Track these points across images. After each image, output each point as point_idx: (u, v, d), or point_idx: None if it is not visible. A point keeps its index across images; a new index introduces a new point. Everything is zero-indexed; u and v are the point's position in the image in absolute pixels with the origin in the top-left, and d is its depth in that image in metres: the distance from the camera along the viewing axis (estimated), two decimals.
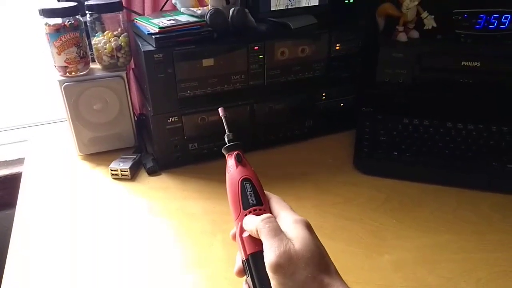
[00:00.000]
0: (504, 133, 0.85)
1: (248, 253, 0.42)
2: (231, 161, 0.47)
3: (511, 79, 0.88)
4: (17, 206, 0.78)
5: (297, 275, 0.36)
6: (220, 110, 0.51)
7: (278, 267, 0.36)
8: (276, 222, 0.40)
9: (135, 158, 0.87)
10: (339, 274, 0.39)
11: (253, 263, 0.41)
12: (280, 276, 0.36)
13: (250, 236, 0.42)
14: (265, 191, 0.46)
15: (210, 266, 0.63)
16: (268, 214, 0.41)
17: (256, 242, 0.41)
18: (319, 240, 0.40)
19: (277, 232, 0.39)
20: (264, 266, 0.38)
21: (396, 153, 0.83)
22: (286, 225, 0.40)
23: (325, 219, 0.72)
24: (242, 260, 0.43)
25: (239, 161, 0.46)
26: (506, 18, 0.87)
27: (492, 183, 0.78)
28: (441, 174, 0.80)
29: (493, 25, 0.88)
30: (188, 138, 0.86)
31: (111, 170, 0.84)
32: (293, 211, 0.42)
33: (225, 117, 0.51)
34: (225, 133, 0.49)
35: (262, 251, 0.39)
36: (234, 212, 0.45)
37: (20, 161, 1.10)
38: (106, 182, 0.84)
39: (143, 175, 0.86)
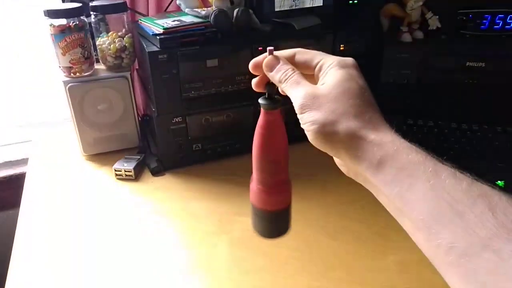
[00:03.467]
0: (509, 133, 0.85)
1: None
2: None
3: None
4: (21, 206, 0.78)
5: (323, 108, 0.36)
6: None
7: (303, 107, 0.36)
8: (297, 74, 0.39)
9: (139, 159, 0.87)
10: (374, 122, 0.36)
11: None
12: (305, 113, 0.36)
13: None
14: (285, 51, 0.43)
15: (215, 267, 0.63)
16: (288, 68, 0.40)
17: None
18: (358, 81, 0.38)
19: (299, 81, 0.38)
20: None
21: None
22: (319, 72, 0.39)
23: (329, 219, 0.71)
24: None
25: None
26: (511, 18, 0.86)
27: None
28: None
29: (498, 25, 0.87)
30: (192, 138, 0.86)
31: (115, 170, 0.84)
32: (325, 55, 0.40)
33: None
34: None
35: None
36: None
37: (24, 161, 1.11)
38: (110, 182, 0.84)
39: (147, 175, 0.86)
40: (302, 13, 0.90)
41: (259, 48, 0.82)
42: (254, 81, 0.44)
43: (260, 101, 0.42)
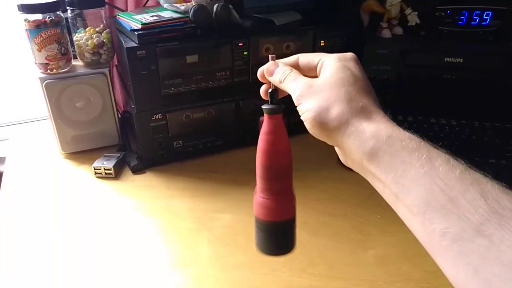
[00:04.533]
0: (486, 128, 0.87)
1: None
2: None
3: (492, 75, 0.89)
4: None
5: (318, 96, 0.37)
6: None
7: (300, 97, 0.38)
8: (294, 72, 0.41)
9: (119, 156, 0.86)
10: (367, 113, 0.37)
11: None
12: (302, 103, 0.38)
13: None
14: (289, 58, 0.44)
15: (196, 264, 0.63)
16: (286, 68, 0.42)
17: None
18: (352, 71, 0.39)
19: (296, 77, 0.40)
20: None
21: None
22: (321, 69, 0.41)
23: (309, 215, 0.72)
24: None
25: None
26: (487, 15, 0.88)
27: None
28: None
29: (475, 21, 0.89)
30: (173, 135, 0.85)
31: (95, 169, 0.83)
32: (326, 54, 0.42)
33: None
34: None
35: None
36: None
37: (1, 160, 1.08)
38: (90, 181, 0.83)
39: (128, 173, 0.85)
40: (282, 9, 0.90)
41: (240, 44, 0.82)
42: (261, 89, 0.46)
43: (264, 107, 0.43)
